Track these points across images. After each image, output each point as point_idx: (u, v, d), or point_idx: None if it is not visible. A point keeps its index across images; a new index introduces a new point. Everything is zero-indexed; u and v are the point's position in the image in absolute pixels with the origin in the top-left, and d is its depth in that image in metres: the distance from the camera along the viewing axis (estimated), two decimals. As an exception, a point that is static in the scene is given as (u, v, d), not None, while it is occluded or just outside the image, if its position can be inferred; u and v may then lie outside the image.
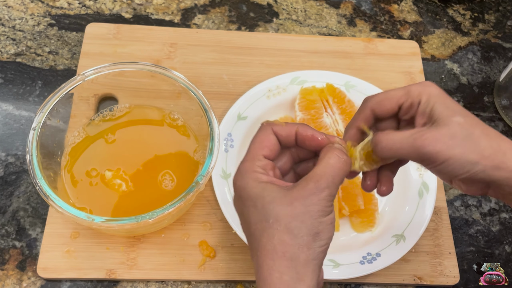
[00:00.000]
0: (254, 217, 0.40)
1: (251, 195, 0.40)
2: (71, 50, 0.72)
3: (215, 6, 0.79)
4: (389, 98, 0.44)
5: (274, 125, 0.43)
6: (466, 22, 0.83)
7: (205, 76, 0.71)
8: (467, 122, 0.41)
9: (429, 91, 0.43)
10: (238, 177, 0.42)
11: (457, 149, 0.41)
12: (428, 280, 0.60)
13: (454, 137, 0.41)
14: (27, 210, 0.61)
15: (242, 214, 0.42)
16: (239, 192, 0.41)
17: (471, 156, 0.41)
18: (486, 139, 0.41)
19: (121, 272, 0.57)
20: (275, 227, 0.39)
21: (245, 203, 0.41)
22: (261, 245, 0.39)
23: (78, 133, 0.61)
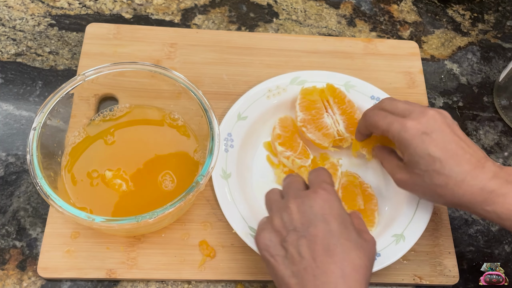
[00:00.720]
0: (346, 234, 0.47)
1: (343, 214, 0.49)
2: (72, 50, 0.72)
3: (215, 6, 0.79)
4: (376, 127, 0.55)
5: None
6: (466, 22, 0.83)
7: (205, 76, 0.71)
8: (426, 173, 0.51)
9: (401, 139, 0.52)
10: (330, 192, 0.49)
11: (417, 192, 0.55)
12: (427, 280, 0.60)
13: (414, 184, 0.53)
14: (27, 210, 0.61)
15: (326, 221, 0.47)
16: (330, 204, 0.48)
17: (429, 197, 0.54)
18: (441, 188, 0.51)
19: (121, 272, 0.58)
20: (361, 251, 0.47)
21: (335, 217, 0.48)
22: (350, 258, 0.45)
23: (78, 133, 0.61)
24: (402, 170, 0.54)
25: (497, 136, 0.73)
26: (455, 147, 0.50)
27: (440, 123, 0.51)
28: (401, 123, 0.52)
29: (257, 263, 0.59)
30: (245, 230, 0.58)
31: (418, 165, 0.51)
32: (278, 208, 0.49)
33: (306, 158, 0.63)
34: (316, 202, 0.47)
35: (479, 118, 0.74)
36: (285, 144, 0.64)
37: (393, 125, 0.52)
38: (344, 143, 0.65)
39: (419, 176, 0.52)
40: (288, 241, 0.46)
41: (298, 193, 0.49)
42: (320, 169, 0.53)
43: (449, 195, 0.50)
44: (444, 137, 0.50)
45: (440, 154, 0.50)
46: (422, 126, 0.51)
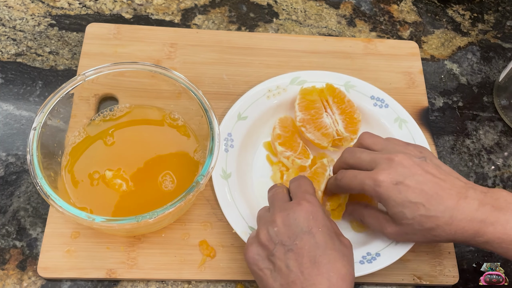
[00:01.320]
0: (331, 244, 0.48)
1: (326, 223, 0.49)
2: (72, 50, 0.72)
3: (215, 6, 0.79)
4: (351, 189, 0.54)
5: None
6: (466, 23, 0.83)
7: (205, 76, 0.71)
8: (415, 220, 0.50)
9: (375, 193, 0.51)
10: (315, 205, 0.50)
11: (413, 239, 0.55)
12: (427, 279, 0.60)
13: (405, 234, 0.53)
14: (27, 210, 0.61)
15: (310, 234, 0.47)
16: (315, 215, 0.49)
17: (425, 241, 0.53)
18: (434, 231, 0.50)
19: (122, 271, 0.58)
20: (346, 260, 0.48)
21: (320, 228, 0.48)
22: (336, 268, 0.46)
23: (78, 133, 0.61)
24: (390, 223, 0.54)
25: (497, 136, 0.73)
26: (431, 186, 0.50)
27: (409, 166, 0.51)
28: (372, 178, 0.51)
29: (257, 263, 0.59)
30: (245, 230, 0.58)
31: (404, 215, 0.51)
32: (265, 221, 0.50)
33: (306, 158, 0.63)
34: (301, 215, 0.48)
35: (479, 118, 0.74)
36: (285, 144, 0.64)
37: (365, 184, 0.52)
38: (344, 142, 0.65)
39: (408, 226, 0.51)
40: (275, 255, 0.47)
41: (283, 205, 0.50)
42: (300, 178, 0.54)
43: (443, 235, 0.50)
44: (417, 180, 0.50)
45: (420, 198, 0.50)
46: (393, 176, 0.50)
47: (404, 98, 0.71)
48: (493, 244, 0.49)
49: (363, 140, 0.57)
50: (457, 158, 0.71)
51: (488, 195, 0.50)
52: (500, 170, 0.71)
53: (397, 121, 0.67)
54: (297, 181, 0.54)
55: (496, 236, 0.49)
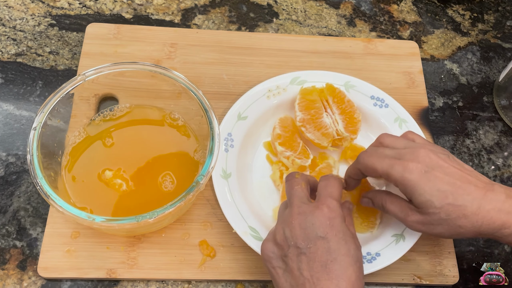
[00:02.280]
0: (344, 249, 0.47)
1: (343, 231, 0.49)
2: (72, 50, 0.72)
3: (215, 6, 0.79)
4: (374, 170, 0.53)
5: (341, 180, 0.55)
6: (466, 22, 0.83)
7: (205, 76, 0.71)
8: (442, 209, 0.50)
9: (405, 182, 0.50)
10: (334, 210, 0.49)
11: (434, 231, 0.52)
12: (427, 279, 0.60)
13: (430, 223, 0.51)
14: (27, 210, 0.61)
15: (324, 239, 0.47)
16: (333, 222, 0.48)
17: (447, 234, 0.52)
18: (461, 220, 0.50)
19: (122, 271, 0.58)
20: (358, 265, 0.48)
21: (336, 234, 0.48)
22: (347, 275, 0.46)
23: (78, 133, 0.61)
24: (414, 212, 0.52)
25: (497, 136, 0.73)
26: (459, 178, 0.50)
27: (435, 159, 0.51)
28: (402, 165, 0.51)
29: (257, 263, 0.59)
30: (245, 230, 0.58)
31: (432, 204, 0.50)
32: (283, 221, 0.50)
33: (306, 158, 0.63)
34: (318, 219, 0.48)
35: (479, 118, 0.74)
36: (285, 144, 0.64)
37: (394, 168, 0.51)
38: (343, 142, 0.65)
39: (435, 215, 0.50)
40: (288, 256, 0.48)
41: (302, 207, 0.50)
42: (330, 179, 0.53)
43: (469, 226, 0.50)
44: (445, 171, 0.50)
45: (449, 188, 0.50)
46: (423, 165, 0.50)
47: (404, 98, 0.71)
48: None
49: (383, 139, 0.56)
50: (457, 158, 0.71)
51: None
52: (500, 170, 0.71)
53: (397, 121, 0.67)
54: (326, 181, 0.53)
55: None
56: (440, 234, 0.53)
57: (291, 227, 0.49)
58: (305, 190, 0.52)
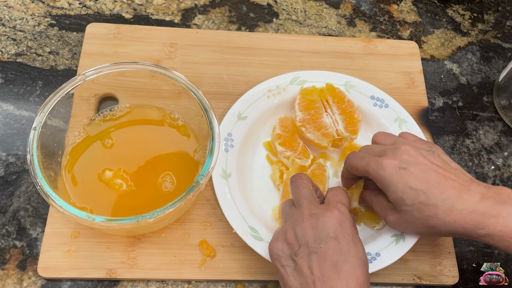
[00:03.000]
0: (354, 251, 0.48)
1: (353, 233, 0.50)
2: (72, 50, 0.72)
3: (215, 6, 0.79)
4: (356, 169, 0.55)
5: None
6: (466, 22, 0.83)
7: (205, 76, 0.71)
8: (414, 207, 0.51)
9: (379, 178, 0.52)
10: (344, 213, 0.50)
11: (409, 230, 0.55)
12: (427, 279, 0.60)
13: (405, 222, 0.53)
14: (27, 210, 0.61)
15: (336, 239, 0.48)
16: (343, 224, 0.49)
17: (423, 232, 0.54)
18: (432, 219, 0.50)
19: (122, 271, 0.58)
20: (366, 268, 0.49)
21: (346, 236, 0.49)
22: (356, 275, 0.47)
23: (78, 133, 0.61)
24: (392, 211, 0.54)
25: (497, 136, 0.73)
26: (434, 176, 0.50)
27: (415, 155, 0.51)
28: (377, 162, 0.52)
29: (257, 263, 0.59)
30: (245, 230, 0.58)
31: (404, 201, 0.51)
32: (293, 221, 0.51)
33: (306, 158, 0.63)
34: (330, 220, 0.49)
35: (479, 118, 0.74)
36: (285, 144, 0.64)
37: (370, 166, 0.52)
38: (343, 142, 0.65)
39: (407, 213, 0.51)
40: (299, 255, 0.48)
41: (313, 209, 0.51)
42: (338, 189, 0.55)
43: (442, 225, 0.50)
44: (421, 168, 0.51)
45: (421, 186, 0.50)
46: (398, 162, 0.51)
47: (404, 98, 0.71)
48: (494, 237, 0.49)
49: (376, 137, 0.58)
50: (457, 158, 0.71)
51: (491, 190, 0.50)
52: (500, 170, 0.71)
53: (397, 121, 0.67)
54: (335, 191, 0.55)
55: (498, 229, 0.48)
56: (417, 233, 0.56)
57: (302, 227, 0.49)
58: (313, 192, 0.54)
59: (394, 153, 0.52)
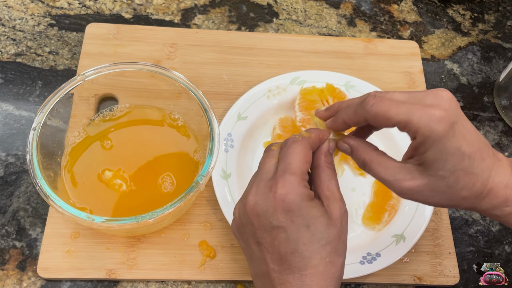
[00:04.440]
0: (306, 237, 0.40)
1: (304, 213, 0.40)
2: (71, 50, 0.72)
3: (215, 6, 0.79)
4: (387, 119, 0.40)
5: (308, 138, 0.44)
6: (466, 22, 0.83)
7: (205, 76, 0.71)
8: (453, 175, 0.40)
9: (427, 133, 0.39)
10: (288, 190, 0.40)
11: (432, 200, 0.42)
12: (428, 280, 0.60)
13: (433, 190, 0.41)
14: (27, 210, 0.61)
15: (280, 228, 0.40)
16: (288, 206, 0.40)
17: (444, 203, 0.42)
18: (467, 191, 0.41)
19: (121, 272, 0.57)
20: (328, 250, 0.40)
21: (294, 220, 0.40)
22: (311, 265, 0.40)
23: (78, 133, 0.61)
24: (415, 176, 0.41)
25: (498, 136, 0.73)
26: (476, 138, 0.40)
27: (458, 108, 0.40)
28: (427, 112, 0.39)
29: (257, 263, 0.59)
30: (245, 230, 0.58)
31: (445, 165, 0.39)
32: (241, 199, 0.45)
33: (306, 158, 0.63)
34: (271, 204, 0.41)
35: (479, 118, 0.74)
36: (285, 144, 0.64)
37: (415, 115, 0.39)
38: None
39: (441, 179, 0.40)
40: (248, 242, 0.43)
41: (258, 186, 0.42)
42: (291, 144, 0.43)
43: (473, 198, 0.41)
44: (466, 126, 0.40)
45: (469, 149, 0.39)
46: (449, 115, 0.39)
47: (405, 98, 0.71)
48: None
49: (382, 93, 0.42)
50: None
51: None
52: (501, 170, 0.71)
53: (398, 121, 0.67)
54: (286, 147, 0.43)
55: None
56: (435, 203, 0.43)
57: (244, 210, 0.42)
58: (273, 167, 0.43)
59: (440, 100, 0.39)
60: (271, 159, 0.44)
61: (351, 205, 0.64)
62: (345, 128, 0.45)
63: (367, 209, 0.62)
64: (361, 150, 0.44)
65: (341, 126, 0.45)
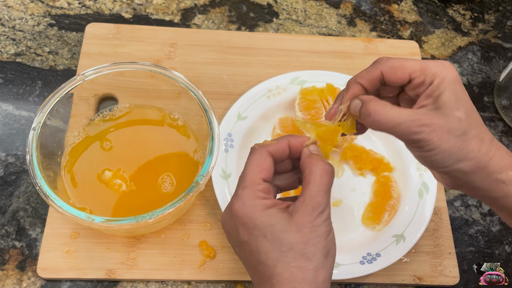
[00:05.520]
0: (265, 246, 0.40)
1: (259, 224, 0.40)
2: (71, 50, 0.72)
3: (215, 6, 0.79)
4: (404, 68, 0.43)
5: (267, 146, 0.43)
6: (466, 22, 0.83)
7: (205, 76, 0.71)
8: (467, 120, 0.41)
9: (444, 75, 0.42)
10: (240, 205, 0.41)
11: (447, 144, 0.41)
12: (428, 280, 0.60)
13: (449, 132, 0.41)
14: (27, 210, 0.61)
15: (244, 243, 0.41)
16: (243, 221, 0.41)
17: (456, 154, 0.41)
18: (478, 142, 0.42)
19: (121, 272, 0.57)
20: (291, 255, 0.39)
21: (251, 232, 0.40)
22: (277, 273, 0.39)
23: (78, 133, 0.61)
24: (429, 115, 0.41)
25: (498, 136, 0.73)
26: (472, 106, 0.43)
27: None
28: (439, 61, 0.43)
29: (257, 264, 0.59)
30: (245, 230, 0.57)
31: (461, 106, 0.41)
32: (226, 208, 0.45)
33: (306, 158, 0.63)
34: (231, 220, 0.42)
35: (479, 118, 0.74)
36: (285, 144, 0.64)
37: (430, 62, 0.43)
38: (344, 143, 0.65)
39: (458, 121, 0.41)
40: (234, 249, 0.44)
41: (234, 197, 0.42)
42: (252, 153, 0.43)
43: (483, 152, 0.41)
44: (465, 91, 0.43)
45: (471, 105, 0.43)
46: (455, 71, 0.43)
47: (405, 98, 0.71)
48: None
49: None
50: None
51: None
52: (501, 170, 0.71)
53: (398, 121, 0.67)
54: (248, 158, 0.43)
55: None
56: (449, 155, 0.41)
57: (222, 221, 0.44)
58: (254, 167, 0.42)
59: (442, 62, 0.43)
60: (251, 161, 0.43)
61: (351, 205, 0.64)
62: (359, 92, 0.45)
63: (367, 209, 0.63)
64: (373, 101, 0.43)
65: (356, 91, 0.45)
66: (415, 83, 0.43)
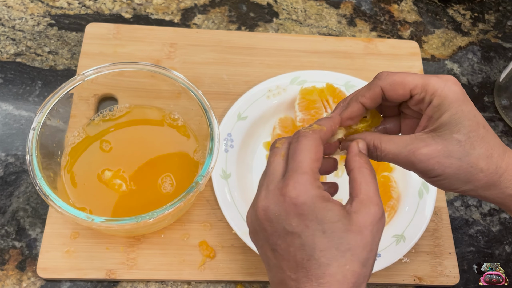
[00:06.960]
0: (323, 243, 0.37)
1: (319, 217, 0.37)
2: (71, 50, 0.72)
3: (215, 6, 0.79)
4: (405, 84, 0.41)
5: (320, 132, 0.41)
6: (466, 22, 0.83)
7: (205, 76, 0.71)
8: (468, 141, 0.40)
9: (445, 93, 0.40)
10: (299, 192, 0.37)
11: (450, 169, 0.40)
12: (428, 280, 0.60)
13: (449, 156, 0.40)
14: (27, 210, 0.61)
15: (294, 234, 0.38)
16: (301, 210, 0.37)
17: (463, 176, 0.40)
18: (485, 161, 0.40)
19: (121, 272, 0.57)
20: (348, 257, 0.37)
21: (309, 225, 0.37)
22: (328, 273, 0.37)
23: (78, 133, 0.61)
24: (426, 142, 0.40)
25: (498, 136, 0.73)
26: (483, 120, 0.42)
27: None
28: (442, 77, 0.41)
29: (257, 264, 0.59)
30: (245, 230, 0.57)
31: (461, 128, 0.39)
32: (253, 203, 0.42)
33: (306, 158, 0.63)
34: (283, 208, 0.38)
35: (479, 118, 0.74)
36: (285, 144, 0.64)
37: (431, 79, 0.40)
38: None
39: (457, 143, 0.39)
40: (263, 248, 0.41)
41: (268, 189, 0.40)
42: (301, 139, 0.40)
43: (492, 170, 0.40)
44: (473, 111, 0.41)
45: (483, 121, 0.41)
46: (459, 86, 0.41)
47: (405, 98, 0.71)
48: None
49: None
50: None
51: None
52: (501, 170, 0.71)
53: (398, 121, 0.67)
54: (295, 143, 0.40)
55: None
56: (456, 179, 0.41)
57: (255, 216, 0.40)
58: (280, 165, 0.40)
59: (446, 77, 0.41)
60: (277, 157, 0.41)
61: (351, 205, 0.63)
62: (359, 112, 0.43)
63: None
64: (368, 137, 0.43)
65: (355, 110, 0.43)
66: (416, 99, 0.41)
